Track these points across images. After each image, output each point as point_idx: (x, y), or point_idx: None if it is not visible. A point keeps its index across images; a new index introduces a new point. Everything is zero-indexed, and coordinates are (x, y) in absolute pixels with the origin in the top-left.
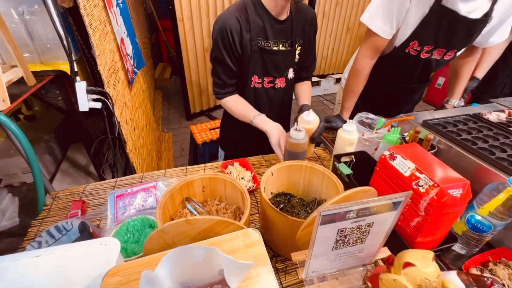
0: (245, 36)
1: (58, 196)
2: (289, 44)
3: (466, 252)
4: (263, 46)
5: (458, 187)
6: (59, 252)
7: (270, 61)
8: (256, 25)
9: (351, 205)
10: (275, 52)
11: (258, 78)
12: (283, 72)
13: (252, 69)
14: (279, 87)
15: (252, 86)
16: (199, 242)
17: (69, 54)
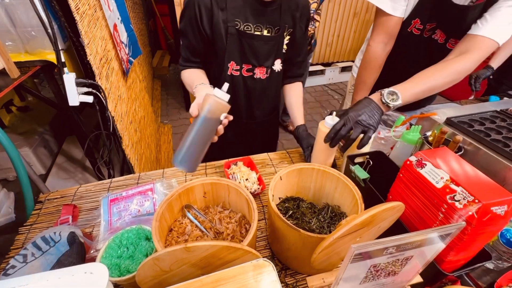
0: (217, 15)
1: (49, 199)
2: (276, 30)
3: (494, 267)
4: (242, 29)
5: (502, 204)
6: (36, 284)
7: (249, 46)
8: (234, 4)
9: (391, 241)
10: (256, 37)
11: (235, 65)
12: (263, 61)
13: (228, 54)
14: (259, 78)
15: (229, 74)
16: (200, 278)
17: (54, 42)
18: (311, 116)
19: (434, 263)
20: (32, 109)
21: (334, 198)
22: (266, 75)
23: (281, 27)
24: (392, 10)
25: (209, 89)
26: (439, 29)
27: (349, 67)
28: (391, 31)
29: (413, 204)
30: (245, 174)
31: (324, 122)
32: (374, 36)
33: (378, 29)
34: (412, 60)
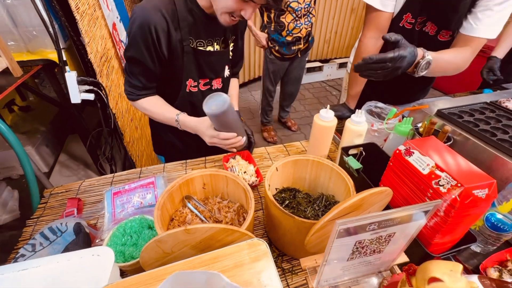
0: (174, 36)
1: (54, 193)
2: (223, 41)
3: (481, 250)
4: (196, 46)
5: (483, 187)
6: (47, 265)
7: (205, 62)
8: (186, 22)
9: (373, 217)
10: (211, 53)
11: (193, 82)
12: (219, 72)
13: (186, 72)
14: (216, 88)
15: (188, 91)
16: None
17: (55, 41)
18: (309, 112)
19: (421, 245)
20: (34, 109)
21: (329, 188)
22: (221, 84)
23: (227, 37)
24: (382, 6)
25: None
26: (429, 21)
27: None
28: (382, 26)
29: (402, 191)
30: (243, 167)
31: (319, 115)
32: (365, 32)
33: (369, 24)
34: None
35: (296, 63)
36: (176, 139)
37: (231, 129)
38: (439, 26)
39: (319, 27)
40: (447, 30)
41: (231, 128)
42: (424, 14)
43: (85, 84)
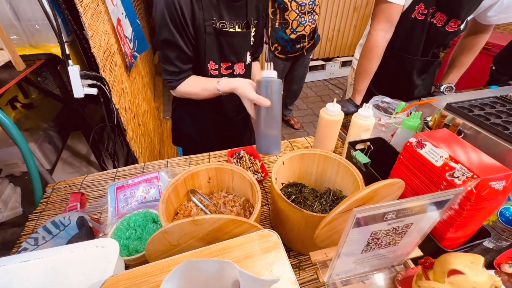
0: (198, 14)
1: (56, 188)
2: (245, 25)
3: (494, 246)
4: (219, 27)
5: (501, 179)
6: (51, 257)
7: (228, 44)
8: (209, 2)
9: (391, 206)
10: (233, 34)
11: (214, 64)
12: (241, 56)
13: (208, 54)
14: (238, 74)
15: (209, 74)
16: (208, 246)
17: (59, 35)
18: (312, 111)
19: (434, 240)
20: (36, 106)
21: (336, 183)
22: (243, 70)
23: (249, 20)
24: None
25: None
26: (439, 11)
27: (349, 61)
28: (391, 18)
29: (414, 184)
30: (248, 162)
31: (325, 109)
32: (374, 25)
33: (378, 17)
34: (415, 45)
35: (300, 61)
36: (196, 131)
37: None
38: (449, 16)
39: (322, 26)
40: (457, 19)
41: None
42: (434, 4)
43: (88, 78)
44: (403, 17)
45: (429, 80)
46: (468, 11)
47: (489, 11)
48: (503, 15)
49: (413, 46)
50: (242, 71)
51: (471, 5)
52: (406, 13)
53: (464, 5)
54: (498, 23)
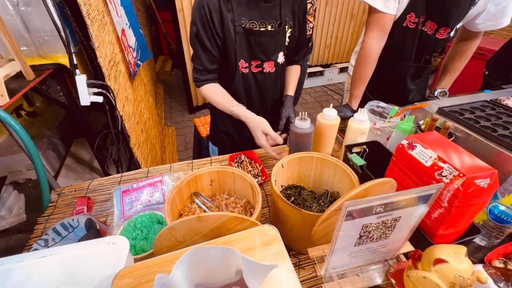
0: (226, 16)
1: (63, 193)
2: (278, 25)
3: (486, 243)
4: (248, 27)
5: (485, 177)
6: (65, 253)
7: (257, 43)
8: (239, 4)
9: (379, 199)
10: (262, 33)
11: (244, 63)
12: (271, 55)
13: (238, 53)
14: (268, 72)
15: (240, 72)
16: (212, 240)
17: (67, 46)
18: (311, 116)
19: (427, 237)
20: (40, 114)
21: (334, 185)
22: (274, 68)
23: (283, 21)
24: (385, 8)
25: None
26: (429, 20)
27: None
28: (384, 27)
29: (406, 184)
30: (248, 166)
31: (322, 114)
32: (368, 33)
33: (372, 26)
34: (408, 52)
35: None
36: (234, 130)
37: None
38: (439, 24)
39: (320, 33)
40: (446, 27)
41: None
42: (424, 13)
43: (94, 86)
44: (395, 26)
45: (422, 85)
46: (457, 19)
47: (477, 19)
48: (491, 22)
49: (406, 53)
50: (273, 70)
51: (459, 14)
52: (398, 21)
53: (453, 14)
54: (486, 30)
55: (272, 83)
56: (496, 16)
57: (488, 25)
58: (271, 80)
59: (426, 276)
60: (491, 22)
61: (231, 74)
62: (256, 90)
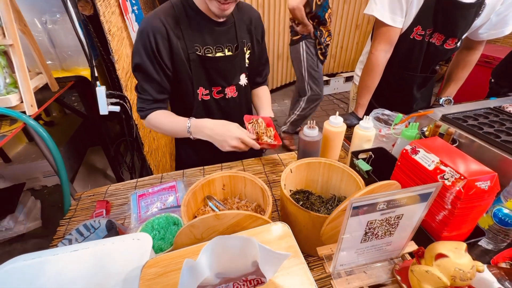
0: (176, 43)
1: (82, 197)
2: (235, 48)
3: (493, 247)
4: (203, 53)
5: (485, 179)
6: (95, 247)
7: (214, 69)
8: (190, 30)
9: (382, 196)
10: (219, 59)
11: (204, 90)
12: (231, 79)
13: (195, 80)
14: (231, 97)
15: (200, 99)
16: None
17: (90, 60)
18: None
19: (432, 239)
20: (57, 124)
21: (341, 189)
22: (236, 92)
23: (240, 43)
24: (392, 22)
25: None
26: (436, 32)
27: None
28: (391, 40)
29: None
30: (262, 128)
31: (328, 122)
32: (375, 45)
33: (379, 38)
34: (414, 63)
35: None
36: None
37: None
38: (446, 35)
39: None
40: (453, 38)
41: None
42: (431, 26)
43: (112, 97)
44: (402, 38)
45: (427, 93)
46: (463, 30)
47: (480, 29)
48: (493, 31)
49: (413, 63)
50: (235, 94)
51: (465, 25)
52: (405, 34)
53: (460, 26)
54: (488, 38)
55: (236, 107)
56: (498, 25)
57: (491, 34)
58: (234, 105)
59: (428, 270)
60: (494, 31)
61: (188, 102)
62: (220, 116)
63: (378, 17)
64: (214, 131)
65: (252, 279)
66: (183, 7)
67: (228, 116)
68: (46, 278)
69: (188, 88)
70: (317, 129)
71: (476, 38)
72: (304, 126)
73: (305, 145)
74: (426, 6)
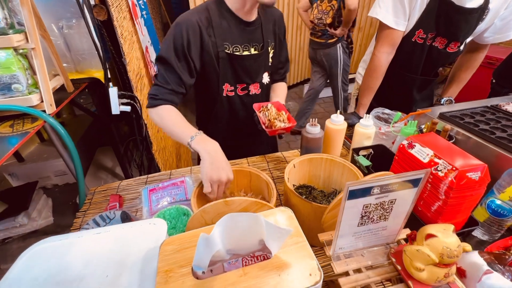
0: (207, 42)
1: (96, 192)
2: (261, 47)
3: (488, 238)
4: (232, 51)
5: (476, 170)
6: (116, 230)
7: (241, 67)
8: (221, 29)
9: (375, 181)
10: (246, 57)
11: (230, 86)
12: (256, 77)
13: (222, 77)
14: (254, 94)
15: (225, 95)
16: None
17: (104, 62)
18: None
19: None
20: (67, 125)
21: (342, 184)
22: (259, 89)
23: (265, 43)
24: (395, 25)
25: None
26: (439, 36)
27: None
28: (394, 42)
29: None
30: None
31: (330, 120)
32: (378, 47)
33: (382, 40)
34: (415, 65)
35: None
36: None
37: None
38: (449, 39)
39: None
40: (456, 42)
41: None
42: (433, 30)
43: (124, 97)
44: (404, 40)
45: (426, 94)
46: (466, 34)
47: (485, 33)
48: (498, 35)
49: (413, 65)
50: (258, 91)
51: (468, 30)
52: (407, 37)
53: (462, 30)
54: (494, 42)
55: None
56: (503, 29)
57: (496, 38)
58: (256, 101)
59: (419, 249)
60: (499, 35)
61: (213, 97)
62: (242, 111)
63: (381, 19)
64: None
65: (259, 255)
66: (216, 8)
67: (249, 112)
68: (73, 256)
69: (214, 84)
70: (318, 127)
71: (481, 41)
72: (307, 124)
73: (307, 142)
74: (429, 10)
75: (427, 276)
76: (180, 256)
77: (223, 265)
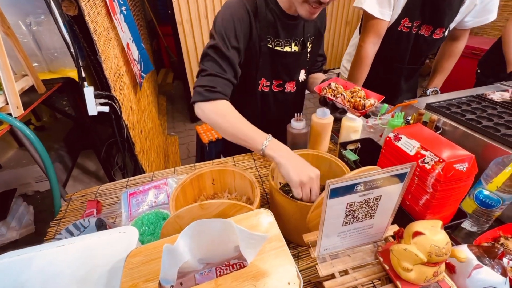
0: (254, 32)
1: (73, 198)
2: (301, 42)
3: (477, 229)
4: (273, 46)
5: (463, 161)
6: (82, 241)
7: (281, 64)
8: (266, 21)
9: (359, 178)
10: (287, 54)
11: (266, 81)
12: (293, 75)
13: (261, 71)
14: (289, 91)
15: (260, 90)
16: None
17: (76, 60)
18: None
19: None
20: (48, 128)
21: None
22: (295, 88)
23: (305, 38)
24: (380, 15)
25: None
26: (424, 24)
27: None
28: (380, 33)
29: None
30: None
31: (315, 115)
32: (364, 38)
33: (368, 31)
34: (402, 54)
35: None
36: None
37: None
38: (434, 26)
39: None
40: (441, 28)
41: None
42: (418, 18)
43: (101, 97)
44: (390, 30)
45: (413, 84)
46: (450, 19)
47: (466, 17)
48: (478, 19)
49: (400, 55)
50: (293, 89)
51: (451, 14)
52: (393, 26)
53: (447, 15)
54: (475, 26)
55: (292, 102)
56: (482, 12)
57: (476, 21)
58: (291, 99)
59: (406, 248)
60: (479, 18)
61: (246, 90)
62: (275, 108)
63: (367, 10)
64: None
65: (235, 263)
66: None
67: (282, 109)
68: (31, 274)
69: (251, 77)
70: (304, 122)
71: (462, 27)
72: (292, 119)
73: (293, 137)
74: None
75: (415, 276)
76: (147, 269)
77: (195, 277)
